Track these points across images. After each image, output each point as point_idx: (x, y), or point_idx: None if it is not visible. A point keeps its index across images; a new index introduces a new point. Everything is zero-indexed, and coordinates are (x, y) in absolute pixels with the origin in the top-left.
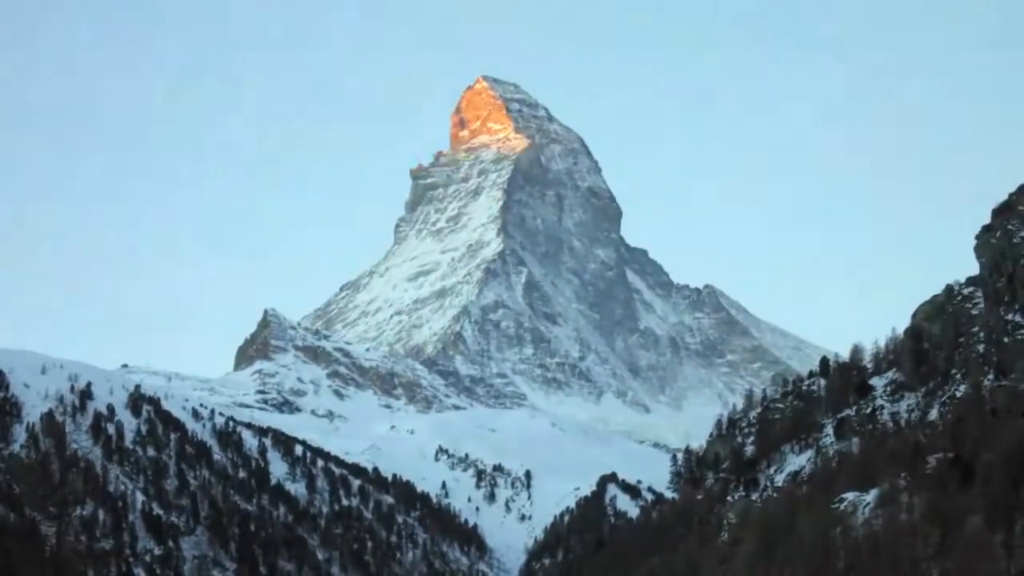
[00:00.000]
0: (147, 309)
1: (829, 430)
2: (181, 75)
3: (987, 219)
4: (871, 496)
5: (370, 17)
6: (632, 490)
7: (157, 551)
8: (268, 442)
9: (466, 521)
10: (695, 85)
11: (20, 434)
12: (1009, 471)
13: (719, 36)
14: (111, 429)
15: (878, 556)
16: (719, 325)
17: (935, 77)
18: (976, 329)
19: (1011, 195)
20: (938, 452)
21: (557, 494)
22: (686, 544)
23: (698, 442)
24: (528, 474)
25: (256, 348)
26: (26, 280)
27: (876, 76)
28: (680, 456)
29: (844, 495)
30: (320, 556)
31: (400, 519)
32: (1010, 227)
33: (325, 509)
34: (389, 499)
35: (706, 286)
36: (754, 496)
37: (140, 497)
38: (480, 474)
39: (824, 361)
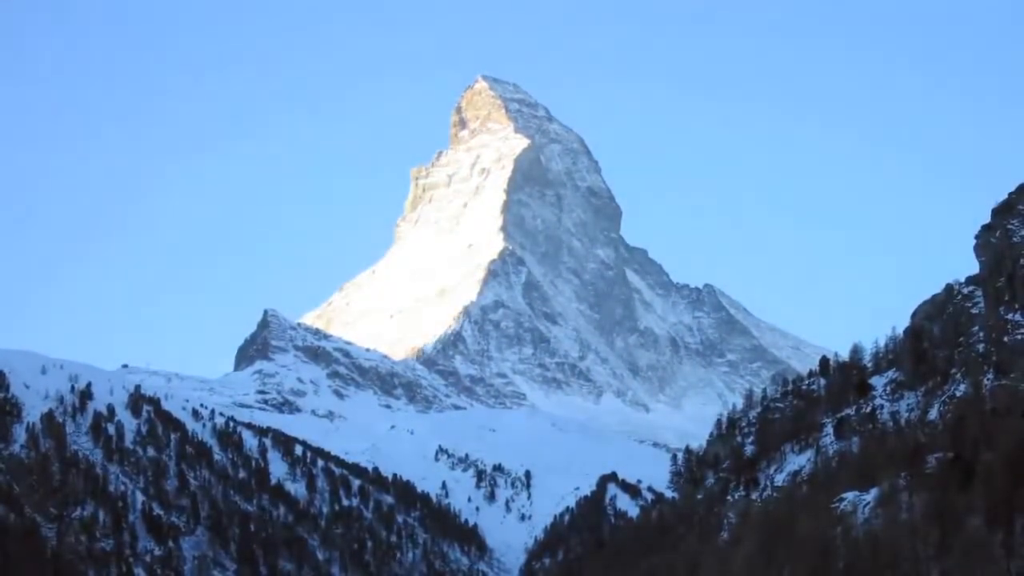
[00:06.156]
0: (147, 309)
1: (829, 430)
2: (181, 77)
3: (987, 219)
4: (871, 496)
5: (370, 18)
6: (632, 490)
7: (157, 551)
8: (268, 442)
9: (466, 521)
10: (695, 84)
11: (20, 434)
12: (1009, 471)
13: (719, 36)
14: (111, 429)
15: (878, 556)
16: (719, 325)
17: (936, 76)
18: (976, 329)
19: (1011, 195)
20: (938, 452)
21: (557, 494)
22: (686, 544)
23: (698, 442)
24: (528, 474)
25: (256, 348)
26: (26, 280)
27: (877, 76)
28: (680, 456)
29: (844, 495)
30: (320, 556)
31: (400, 519)
32: (1010, 227)
33: (325, 509)
34: (389, 499)
35: (706, 286)
36: (754, 496)
37: (140, 497)
38: (480, 474)
39: (824, 361)
